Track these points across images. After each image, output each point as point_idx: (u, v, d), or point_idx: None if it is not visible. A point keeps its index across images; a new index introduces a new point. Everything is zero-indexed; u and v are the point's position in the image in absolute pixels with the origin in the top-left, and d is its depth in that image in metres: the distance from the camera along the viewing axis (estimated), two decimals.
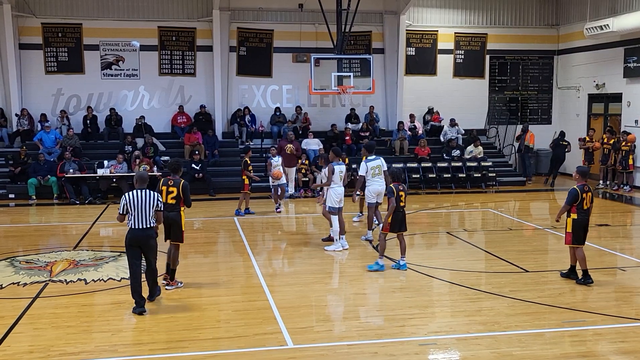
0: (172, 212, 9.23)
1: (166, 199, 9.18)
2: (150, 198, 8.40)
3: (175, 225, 9.27)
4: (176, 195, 9.23)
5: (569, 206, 9.45)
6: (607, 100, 21.84)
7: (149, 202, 8.36)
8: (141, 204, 8.32)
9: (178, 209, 9.29)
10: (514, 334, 7.47)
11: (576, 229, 9.48)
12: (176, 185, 9.25)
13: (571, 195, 9.43)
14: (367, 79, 19.58)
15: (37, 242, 13.20)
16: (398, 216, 10.11)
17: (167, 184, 9.29)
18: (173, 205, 9.24)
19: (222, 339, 7.40)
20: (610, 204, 17.74)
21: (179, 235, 9.35)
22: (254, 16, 21.92)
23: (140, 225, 8.33)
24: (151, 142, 19.65)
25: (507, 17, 23.51)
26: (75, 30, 20.99)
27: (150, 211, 8.38)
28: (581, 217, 9.48)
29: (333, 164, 11.83)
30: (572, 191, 9.47)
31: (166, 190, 9.24)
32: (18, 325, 7.84)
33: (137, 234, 8.35)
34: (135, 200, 8.32)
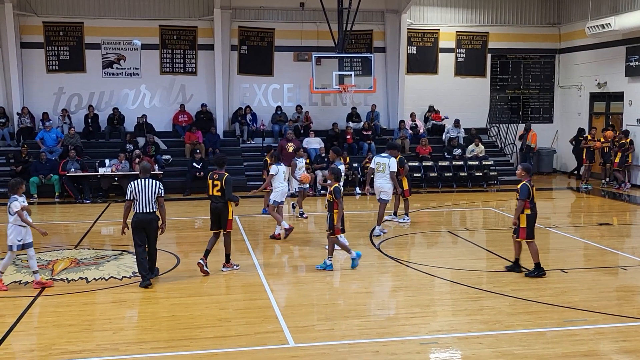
0: (219, 203, 10.04)
1: (212, 192, 10.07)
2: (152, 186, 9.40)
3: (222, 216, 10.05)
4: (220, 188, 10.00)
5: (525, 201, 9.69)
6: (608, 99, 21.82)
7: (151, 190, 9.36)
8: (145, 191, 9.34)
9: (224, 201, 10.01)
10: (515, 333, 7.46)
11: (530, 224, 9.73)
12: (220, 179, 10.01)
13: (525, 190, 9.69)
14: (368, 78, 19.57)
15: (39, 240, 13.18)
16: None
17: (212, 178, 10.13)
18: (218, 197, 10.03)
19: (224, 337, 7.41)
20: (612, 203, 17.72)
21: (226, 223, 10.09)
22: (255, 15, 21.91)
23: (144, 209, 9.36)
24: (152, 141, 19.66)
25: (509, 15, 23.49)
26: (76, 29, 20.99)
27: (152, 197, 9.37)
28: (533, 211, 9.78)
29: (336, 163, 12.07)
30: (523, 187, 9.72)
31: (212, 183, 10.08)
32: (19, 323, 7.84)
33: (141, 217, 9.38)
34: (140, 187, 9.35)
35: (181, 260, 11.00)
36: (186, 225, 14.56)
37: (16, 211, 9.00)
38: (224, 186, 9.95)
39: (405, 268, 10.49)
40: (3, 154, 19.42)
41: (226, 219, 10.06)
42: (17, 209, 9.00)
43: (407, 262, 10.80)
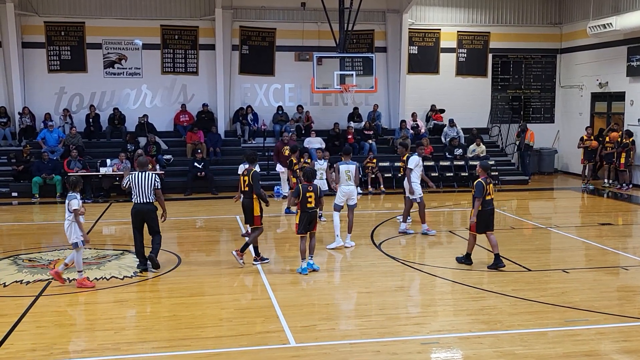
0: (247, 198, 10.41)
1: (243, 187, 10.48)
2: (149, 179, 10.07)
3: (248, 210, 10.39)
4: (248, 183, 10.32)
5: (480, 198, 10.06)
6: (610, 99, 21.81)
7: (148, 182, 10.03)
8: (142, 183, 10.02)
9: (251, 196, 10.33)
10: (516, 333, 7.46)
11: (481, 219, 10.13)
12: (248, 174, 10.35)
13: (479, 187, 10.05)
14: (369, 78, 19.56)
15: (40, 240, 13.23)
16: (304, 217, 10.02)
17: (243, 174, 10.55)
18: (247, 192, 10.39)
19: (225, 337, 7.41)
20: (613, 203, 17.72)
21: (252, 219, 10.39)
22: (257, 15, 21.92)
23: (141, 200, 10.07)
24: (153, 141, 19.67)
25: (510, 15, 23.48)
26: (78, 28, 21.01)
27: (149, 189, 10.04)
28: (485, 207, 10.17)
29: (340, 163, 12.00)
30: (478, 184, 10.11)
31: (242, 179, 10.51)
32: (21, 323, 7.85)
33: (138, 207, 10.11)
34: (137, 180, 10.03)
35: (182, 260, 11.00)
36: (187, 225, 14.57)
37: (74, 209, 9.15)
38: (251, 181, 10.24)
39: (406, 268, 10.50)
40: (4, 154, 19.44)
41: (252, 214, 10.34)
42: (75, 207, 9.15)
43: (408, 262, 10.79)
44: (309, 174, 10.13)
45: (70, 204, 9.18)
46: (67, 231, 9.29)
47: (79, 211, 9.19)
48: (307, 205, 9.93)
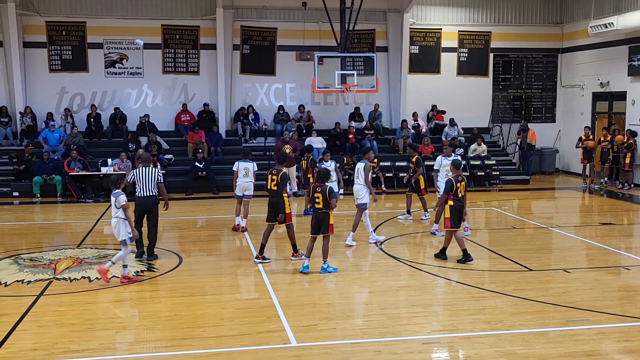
0: (275, 197, 10.63)
1: (270, 186, 10.71)
2: (152, 173, 10.70)
3: (277, 208, 10.59)
4: (277, 183, 10.59)
5: (446, 195, 10.45)
6: (611, 98, 21.79)
7: (151, 176, 10.64)
8: (145, 178, 10.62)
9: (280, 194, 10.57)
10: (517, 333, 7.46)
11: (453, 214, 10.47)
12: (277, 174, 10.63)
13: (448, 185, 10.50)
14: (370, 77, 19.57)
15: (41, 239, 13.25)
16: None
17: (271, 173, 10.81)
18: (275, 191, 10.62)
19: (226, 337, 7.41)
20: (614, 203, 17.70)
21: (284, 217, 10.61)
22: (258, 14, 21.92)
23: (144, 193, 10.67)
24: (155, 141, 19.67)
25: (511, 15, 23.46)
26: (79, 28, 21.01)
27: (152, 183, 10.63)
28: (456, 203, 10.50)
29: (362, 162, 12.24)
30: (448, 181, 10.58)
31: (270, 178, 10.74)
32: (22, 322, 7.85)
33: (142, 200, 10.69)
34: (141, 174, 10.65)
35: (183, 260, 11.00)
36: (188, 224, 14.57)
37: (122, 204, 9.33)
38: (279, 181, 10.54)
39: (407, 268, 10.49)
40: (6, 154, 19.45)
41: (282, 212, 10.59)
42: (124, 202, 9.34)
43: (409, 262, 10.79)
44: (322, 175, 10.13)
45: (118, 199, 9.41)
46: (115, 229, 9.51)
47: (127, 206, 9.41)
48: (315, 206, 9.96)
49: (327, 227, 9.94)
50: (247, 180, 13.56)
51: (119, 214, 9.42)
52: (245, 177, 13.49)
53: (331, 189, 9.93)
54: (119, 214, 9.42)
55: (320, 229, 9.94)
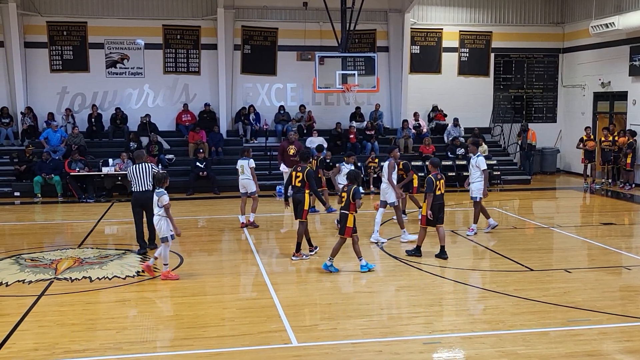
0: (298, 193, 10.86)
1: (294, 182, 10.94)
2: (146, 169, 11.09)
3: (300, 205, 10.81)
4: (302, 179, 10.83)
5: (432, 193, 10.67)
6: (612, 98, 21.78)
7: (146, 172, 11.03)
8: (140, 174, 11.05)
9: (303, 191, 10.82)
10: (518, 333, 7.45)
11: (432, 212, 10.69)
12: (302, 171, 10.89)
13: (429, 183, 10.71)
14: (371, 77, 19.56)
15: (42, 239, 13.25)
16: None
17: (296, 170, 11.05)
18: (299, 187, 10.86)
19: (227, 337, 7.41)
20: (615, 203, 17.69)
21: (302, 213, 10.83)
22: (259, 14, 21.92)
23: (140, 188, 11.07)
24: (156, 141, 19.68)
25: (512, 15, 23.45)
26: (80, 28, 21.03)
27: (147, 179, 11.01)
28: (435, 201, 10.77)
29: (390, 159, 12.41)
30: (428, 180, 10.77)
31: (294, 175, 10.99)
32: (23, 322, 7.86)
33: (138, 195, 11.14)
34: (136, 171, 11.09)
35: (184, 260, 11.01)
36: (189, 224, 14.56)
37: (165, 204, 9.49)
38: (305, 179, 10.78)
39: (408, 268, 10.48)
40: (7, 154, 19.46)
41: (302, 209, 10.79)
42: (166, 202, 9.51)
43: (410, 262, 10.78)
44: (352, 176, 10.05)
45: (161, 199, 9.55)
46: (157, 226, 9.67)
47: (169, 205, 9.59)
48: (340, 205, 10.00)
49: (344, 229, 9.89)
50: (244, 178, 13.69)
51: (161, 212, 9.58)
52: (242, 174, 13.63)
53: (356, 189, 9.82)
54: (161, 212, 9.58)
55: (341, 229, 9.98)
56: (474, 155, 13.07)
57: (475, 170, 12.86)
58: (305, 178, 10.79)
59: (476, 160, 12.86)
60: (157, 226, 9.70)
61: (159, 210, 9.60)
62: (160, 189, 9.67)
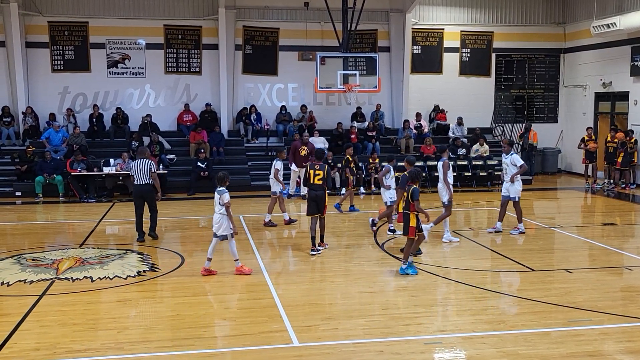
0: (319, 191, 11.26)
1: (313, 180, 11.29)
2: (145, 165, 12.25)
3: (320, 201, 11.24)
4: (322, 177, 11.25)
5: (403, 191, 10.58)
6: (613, 98, 21.76)
7: (145, 167, 12.24)
8: (139, 169, 12.26)
9: (324, 189, 11.30)
10: (519, 333, 7.45)
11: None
12: (322, 169, 11.33)
13: (403, 181, 10.81)
14: (372, 78, 19.55)
15: (44, 239, 13.26)
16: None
17: (314, 168, 11.37)
18: (320, 185, 11.26)
19: (228, 336, 7.42)
20: (617, 203, 17.67)
21: (323, 209, 11.34)
22: (260, 14, 21.93)
23: (140, 182, 12.33)
24: (157, 140, 19.69)
25: (514, 15, 23.44)
26: (81, 28, 21.04)
27: (146, 173, 12.21)
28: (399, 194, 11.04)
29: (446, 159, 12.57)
30: (403, 177, 10.84)
31: (313, 173, 11.32)
32: (24, 322, 7.86)
33: (138, 187, 12.43)
34: (136, 166, 12.31)
35: (185, 260, 11.01)
36: (190, 224, 14.57)
37: (225, 202, 9.68)
38: (325, 176, 11.24)
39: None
40: (8, 154, 19.47)
41: (323, 205, 11.28)
42: (227, 201, 9.69)
43: (411, 262, 10.77)
44: (413, 175, 10.00)
45: (222, 197, 9.74)
46: (217, 223, 9.85)
47: (230, 204, 9.77)
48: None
49: (407, 229, 9.84)
50: (270, 177, 14.32)
51: (222, 210, 9.75)
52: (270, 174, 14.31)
53: (415, 189, 9.72)
54: (222, 210, 9.75)
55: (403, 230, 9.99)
56: (507, 154, 13.03)
57: (512, 168, 12.80)
58: (325, 175, 11.26)
59: (511, 158, 12.84)
60: (217, 224, 9.85)
61: (220, 209, 9.77)
62: (221, 188, 9.84)
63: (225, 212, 9.73)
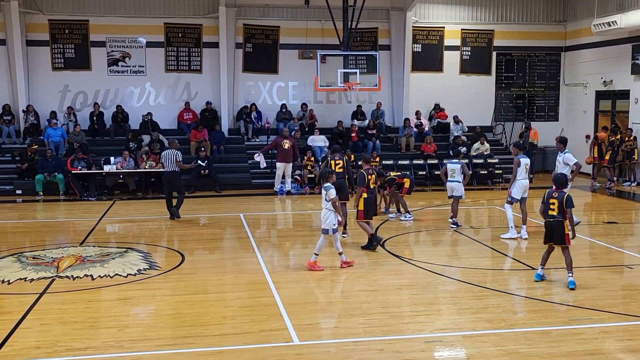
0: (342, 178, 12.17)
1: (336, 169, 12.25)
2: (172, 154, 14.46)
3: (342, 190, 11.94)
4: (342, 166, 12.50)
5: (363, 187, 11.27)
6: (614, 97, 21.75)
7: (172, 157, 14.41)
8: (168, 158, 14.52)
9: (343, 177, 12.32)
10: (520, 332, 7.44)
11: (366, 207, 11.28)
12: (341, 159, 12.63)
13: (361, 178, 11.35)
14: (373, 76, 19.52)
15: (44, 237, 13.26)
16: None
17: (334, 159, 12.60)
18: (341, 173, 12.21)
19: (228, 335, 7.42)
20: (618, 201, 17.66)
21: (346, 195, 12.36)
22: (260, 12, 21.91)
23: (167, 169, 14.53)
24: (157, 139, 19.68)
25: (514, 13, 23.42)
26: (82, 26, 21.03)
27: (173, 162, 14.37)
28: (370, 195, 11.33)
29: (518, 157, 12.53)
30: (360, 175, 11.39)
31: (334, 163, 12.49)
32: (25, 320, 7.87)
33: (166, 174, 14.66)
34: (165, 155, 14.63)
35: (186, 258, 11.01)
36: (191, 223, 14.58)
37: (332, 198, 9.96)
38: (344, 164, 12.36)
39: (409, 266, 10.48)
40: (9, 152, 19.48)
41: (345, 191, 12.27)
42: (333, 196, 9.99)
43: (412, 260, 10.78)
44: (559, 181, 9.41)
45: (328, 193, 10.00)
46: (323, 217, 10.08)
47: (336, 199, 10.09)
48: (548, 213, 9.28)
49: (562, 237, 9.10)
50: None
51: (328, 205, 10.02)
52: None
53: (569, 197, 9.07)
54: (328, 205, 10.02)
55: (553, 238, 9.20)
56: (561, 153, 12.91)
57: (564, 167, 12.72)
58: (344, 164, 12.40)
59: (564, 156, 12.77)
60: (323, 218, 10.09)
61: (327, 204, 10.02)
62: (327, 184, 10.10)
63: (332, 208, 10.00)
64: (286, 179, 18.50)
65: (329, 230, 10.04)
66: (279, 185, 18.52)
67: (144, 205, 16.92)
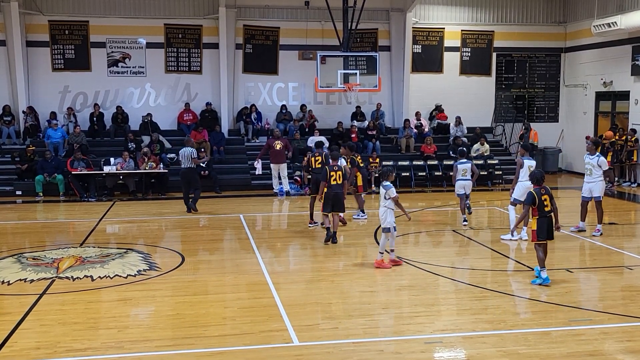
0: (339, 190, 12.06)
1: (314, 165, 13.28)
2: (188, 152, 15.29)
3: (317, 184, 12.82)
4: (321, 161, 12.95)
5: (325, 182, 11.93)
6: (614, 98, 21.75)
7: (187, 154, 15.27)
8: (184, 155, 15.32)
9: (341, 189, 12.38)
10: (520, 333, 7.44)
11: (327, 200, 11.93)
12: (321, 155, 13.13)
13: (323, 173, 11.99)
14: (373, 77, 19.54)
15: (44, 238, 13.26)
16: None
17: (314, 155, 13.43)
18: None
19: (228, 336, 7.41)
20: (618, 202, 17.66)
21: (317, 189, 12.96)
22: (260, 13, 21.92)
23: (184, 166, 15.35)
24: (157, 140, 19.68)
25: (514, 14, 23.44)
26: (82, 27, 21.04)
27: (189, 159, 15.25)
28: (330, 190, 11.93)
29: (523, 158, 12.52)
30: (323, 170, 12.00)
31: (314, 159, 13.27)
32: (25, 321, 7.86)
33: (182, 170, 15.46)
34: (182, 153, 15.42)
35: (186, 259, 11.01)
36: (191, 223, 14.58)
37: (392, 197, 10.06)
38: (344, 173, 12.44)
39: (409, 267, 10.48)
40: (8, 152, 19.48)
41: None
42: (393, 195, 10.08)
43: (412, 261, 10.78)
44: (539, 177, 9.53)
45: (389, 192, 10.09)
46: (382, 216, 10.17)
47: (397, 197, 10.17)
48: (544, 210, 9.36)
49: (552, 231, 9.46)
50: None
51: (387, 204, 10.08)
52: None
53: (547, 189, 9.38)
54: (387, 204, 10.08)
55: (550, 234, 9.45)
56: (594, 155, 12.81)
57: (597, 169, 12.70)
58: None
59: (597, 160, 12.70)
60: (381, 216, 10.19)
61: (385, 202, 10.09)
62: (387, 183, 10.17)
63: (392, 206, 10.07)
64: (282, 179, 18.49)
65: (390, 229, 10.09)
66: (277, 186, 18.53)
67: (144, 206, 16.93)
